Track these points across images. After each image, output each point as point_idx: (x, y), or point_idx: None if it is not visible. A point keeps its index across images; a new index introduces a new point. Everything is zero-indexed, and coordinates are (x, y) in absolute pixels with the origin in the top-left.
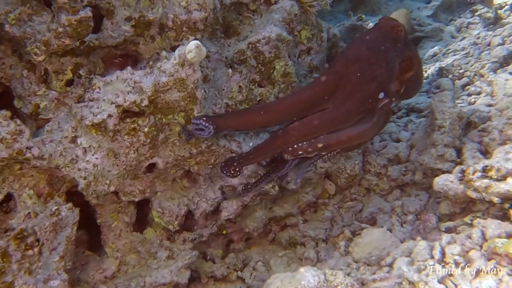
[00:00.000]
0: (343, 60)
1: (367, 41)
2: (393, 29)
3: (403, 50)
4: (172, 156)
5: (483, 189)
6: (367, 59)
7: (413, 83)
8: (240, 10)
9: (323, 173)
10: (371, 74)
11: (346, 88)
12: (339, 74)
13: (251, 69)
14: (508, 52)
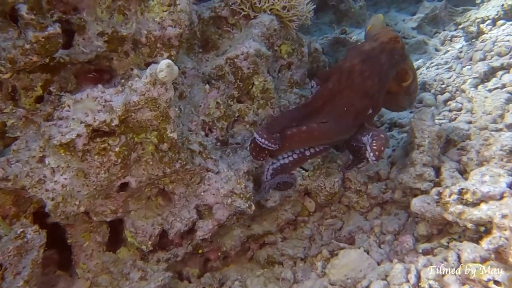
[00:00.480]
0: (337, 73)
1: (362, 53)
2: (391, 41)
3: (399, 62)
4: (146, 175)
5: (457, 215)
6: (361, 73)
7: (407, 95)
8: (219, 24)
9: (303, 190)
10: (364, 89)
11: (341, 102)
12: (331, 89)
13: (229, 84)
14: (488, 68)
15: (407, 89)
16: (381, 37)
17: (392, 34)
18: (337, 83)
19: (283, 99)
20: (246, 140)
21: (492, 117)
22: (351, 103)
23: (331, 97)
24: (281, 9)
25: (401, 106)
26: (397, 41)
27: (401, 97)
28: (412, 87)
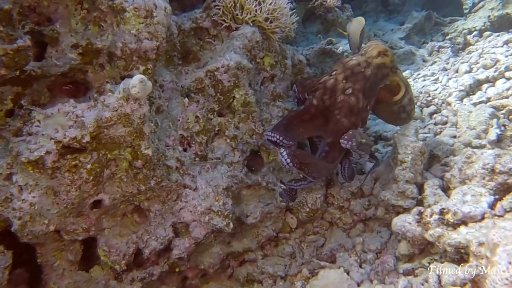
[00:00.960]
0: (322, 89)
1: (347, 69)
2: (379, 54)
3: (388, 75)
4: (120, 193)
5: (436, 238)
6: (343, 90)
7: (402, 108)
8: (201, 35)
9: (284, 206)
10: (348, 106)
11: (329, 121)
12: (316, 106)
13: (209, 98)
14: (474, 81)
15: (400, 102)
16: (369, 51)
17: (381, 48)
18: (321, 101)
19: (265, 113)
20: (226, 154)
21: (476, 132)
22: (339, 122)
23: (317, 114)
24: (263, 21)
25: (399, 119)
26: (386, 54)
27: (397, 110)
28: (405, 99)
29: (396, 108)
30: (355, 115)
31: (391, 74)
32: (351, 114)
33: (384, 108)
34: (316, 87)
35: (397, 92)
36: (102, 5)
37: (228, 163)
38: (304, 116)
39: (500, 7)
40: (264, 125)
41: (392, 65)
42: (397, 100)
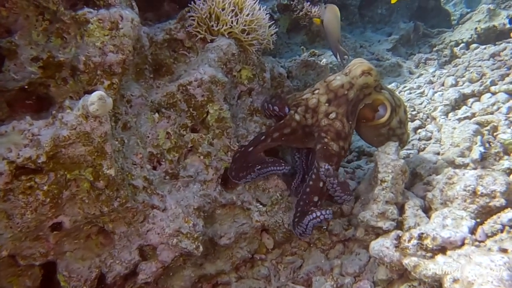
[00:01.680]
0: (304, 106)
1: (330, 92)
2: (363, 74)
3: (371, 94)
4: (81, 214)
5: (412, 268)
6: (326, 114)
7: (391, 131)
8: (175, 47)
9: (260, 226)
10: (334, 131)
11: (319, 144)
12: (298, 121)
13: (181, 113)
14: (459, 95)
15: (388, 124)
16: (353, 69)
17: (365, 66)
18: (303, 118)
19: (241, 128)
20: (200, 172)
21: (459, 149)
22: (328, 145)
23: (298, 128)
24: (240, 33)
25: (387, 140)
26: (370, 73)
27: (386, 133)
28: (393, 121)
29: (385, 131)
30: (343, 139)
31: (374, 93)
32: (339, 138)
33: (370, 130)
34: (298, 102)
35: (378, 116)
36: (65, 16)
37: (201, 181)
38: (286, 130)
39: (487, 19)
40: (240, 141)
41: (376, 84)
42: (384, 122)
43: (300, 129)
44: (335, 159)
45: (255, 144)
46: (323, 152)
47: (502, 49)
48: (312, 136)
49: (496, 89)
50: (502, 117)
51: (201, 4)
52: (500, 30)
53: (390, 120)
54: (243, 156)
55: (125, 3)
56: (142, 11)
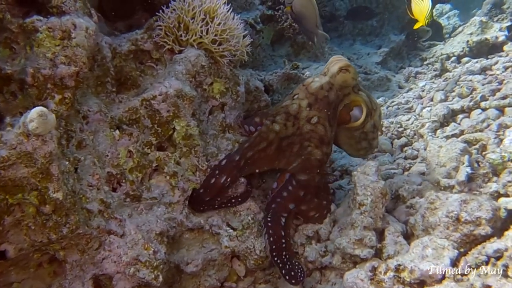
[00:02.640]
0: (284, 113)
1: (310, 95)
2: (341, 70)
3: (350, 94)
4: (28, 242)
5: None
6: (308, 119)
7: (363, 135)
8: (142, 59)
9: (229, 253)
10: (317, 137)
11: (298, 157)
12: (278, 132)
13: (145, 130)
14: (447, 111)
15: (362, 127)
16: (331, 67)
17: (343, 63)
18: (284, 127)
19: (211, 146)
20: (165, 194)
21: (446, 170)
22: (311, 154)
23: (275, 141)
24: (210, 43)
25: (359, 149)
26: (348, 70)
27: (358, 137)
28: (367, 125)
29: (358, 134)
30: (326, 144)
31: (352, 94)
32: (322, 144)
33: (342, 132)
34: (277, 111)
35: (357, 117)
36: (12, 24)
37: (166, 203)
38: (261, 145)
39: (479, 32)
40: (210, 160)
41: (354, 83)
42: (359, 125)
43: (276, 142)
44: (316, 169)
45: (225, 173)
46: (304, 164)
47: (494, 63)
48: (288, 150)
49: (486, 105)
50: (492, 135)
51: (169, 13)
52: (492, 43)
53: (365, 124)
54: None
55: (82, 11)
56: (112, 21)
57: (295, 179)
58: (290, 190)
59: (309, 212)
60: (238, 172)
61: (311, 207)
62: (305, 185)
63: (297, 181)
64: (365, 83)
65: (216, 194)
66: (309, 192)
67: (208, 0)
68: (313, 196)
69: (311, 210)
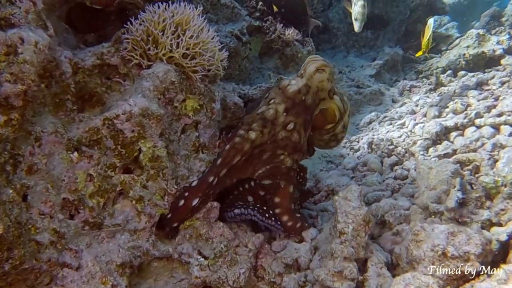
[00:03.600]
0: (261, 120)
1: (287, 99)
2: (317, 70)
3: (325, 100)
4: None
5: None
6: (284, 125)
7: (333, 136)
8: (109, 74)
9: (200, 283)
10: (291, 145)
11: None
12: (253, 140)
13: (107, 151)
14: (440, 128)
15: (333, 130)
16: (307, 68)
17: (319, 63)
18: (260, 134)
19: (182, 168)
20: (130, 220)
21: (435, 194)
22: (282, 163)
23: (249, 151)
24: (181, 58)
25: (327, 146)
26: (324, 70)
27: (328, 139)
28: (338, 128)
29: (328, 137)
30: (298, 152)
31: (328, 99)
32: (295, 152)
33: (315, 134)
34: (253, 119)
35: (331, 120)
36: None
37: (131, 230)
38: (236, 159)
39: (476, 45)
40: (179, 183)
41: (330, 85)
42: (329, 129)
43: (249, 152)
44: (284, 176)
45: (196, 194)
46: (272, 171)
47: (490, 77)
48: (257, 158)
49: (481, 122)
50: (486, 155)
51: (138, 25)
52: (489, 57)
53: (335, 127)
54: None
55: (35, 23)
56: (81, 32)
57: (255, 184)
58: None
59: (282, 216)
60: (210, 192)
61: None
62: (267, 187)
63: (259, 184)
64: (357, 97)
65: (185, 218)
66: (270, 193)
67: (180, 11)
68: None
69: (284, 214)
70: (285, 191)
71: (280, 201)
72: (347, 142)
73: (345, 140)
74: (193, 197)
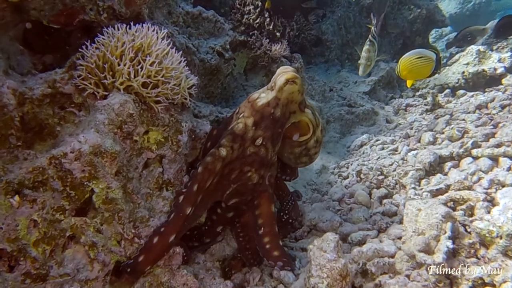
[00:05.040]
0: (230, 135)
1: (256, 112)
2: (287, 82)
3: (295, 113)
4: None
5: None
6: (253, 140)
7: (304, 151)
8: (63, 103)
9: None
10: (258, 160)
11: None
12: (224, 157)
13: (54, 194)
14: (434, 158)
15: (305, 144)
16: (277, 80)
17: (290, 75)
18: (231, 150)
19: (142, 209)
20: (81, 268)
21: (423, 240)
22: (249, 180)
23: (222, 170)
24: (141, 87)
25: (299, 163)
26: (295, 82)
27: (299, 153)
28: (310, 142)
29: (299, 150)
30: (265, 167)
31: (298, 112)
32: (261, 167)
33: (286, 147)
34: (223, 136)
35: (304, 133)
36: None
37: (82, 280)
38: (209, 181)
39: (476, 62)
40: (138, 226)
41: (301, 98)
42: (302, 142)
43: (220, 172)
44: (250, 193)
45: (173, 229)
46: (238, 189)
47: (490, 99)
48: (226, 178)
49: (478, 153)
50: (481, 194)
51: (93, 50)
52: (490, 75)
53: (307, 141)
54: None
55: None
56: (39, 53)
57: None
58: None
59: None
60: (186, 225)
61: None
62: (234, 207)
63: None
64: (348, 117)
65: (159, 258)
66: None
67: (142, 35)
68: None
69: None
70: (268, 211)
71: (263, 222)
72: (336, 168)
73: (334, 165)
74: (170, 233)
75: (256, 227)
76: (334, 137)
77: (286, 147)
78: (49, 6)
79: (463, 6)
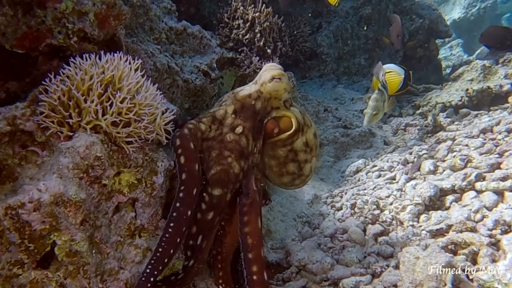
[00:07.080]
0: (210, 117)
1: (237, 101)
2: (272, 79)
3: (278, 109)
4: None
5: None
6: (232, 128)
7: (292, 157)
8: (25, 141)
9: None
10: (238, 149)
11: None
12: (203, 131)
13: (10, 247)
14: (434, 192)
15: (290, 143)
16: (263, 75)
17: (276, 72)
18: (208, 128)
19: (111, 259)
20: None
21: None
22: (230, 167)
23: (201, 142)
24: (110, 126)
25: (284, 173)
26: (280, 79)
27: (284, 156)
28: (297, 142)
29: (284, 152)
30: (245, 158)
31: (282, 108)
32: (241, 157)
33: (268, 149)
34: (204, 116)
35: (286, 127)
36: None
37: None
38: (194, 152)
39: (480, 78)
40: (106, 280)
41: (286, 96)
42: (285, 139)
43: (199, 144)
44: (231, 185)
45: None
46: (221, 175)
47: (495, 123)
48: (207, 154)
49: (482, 187)
50: (485, 238)
51: (58, 84)
52: (495, 93)
53: (293, 139)
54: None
55: None
56: (2, 80)
57: (207, 193)
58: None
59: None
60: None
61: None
62: (215, 204)
63: (210, 197)
64: (344, 140)
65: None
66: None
67: (112, 67)
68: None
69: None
70: (254, 225)
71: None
72: (329, 197)
73: (327, 194)
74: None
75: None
76: (328, 161)
77: (267, 149)
78: (12, 28)
79: (467, 10)
